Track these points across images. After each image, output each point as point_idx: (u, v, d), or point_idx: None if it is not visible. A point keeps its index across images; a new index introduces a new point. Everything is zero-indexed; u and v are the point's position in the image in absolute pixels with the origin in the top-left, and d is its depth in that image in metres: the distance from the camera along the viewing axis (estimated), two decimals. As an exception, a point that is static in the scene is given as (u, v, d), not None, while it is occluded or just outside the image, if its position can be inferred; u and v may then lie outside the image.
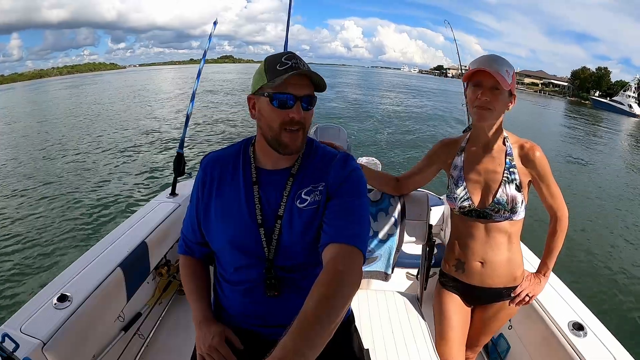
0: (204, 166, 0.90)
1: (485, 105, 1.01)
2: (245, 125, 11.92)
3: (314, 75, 0.77)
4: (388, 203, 1.35)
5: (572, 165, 10.09)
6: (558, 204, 1.13)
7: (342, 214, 0.77)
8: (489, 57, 1.03)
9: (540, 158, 1.07)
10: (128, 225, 1.49)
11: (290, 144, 0.78)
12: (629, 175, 9.77)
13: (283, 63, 0.76)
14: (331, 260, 0.68)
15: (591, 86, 64.43)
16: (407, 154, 8.81)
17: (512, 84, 1.02)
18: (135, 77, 47.83)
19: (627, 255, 4.56)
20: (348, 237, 0.72)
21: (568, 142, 14.44)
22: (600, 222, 5.63)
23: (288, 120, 0.76)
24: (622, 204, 6.83)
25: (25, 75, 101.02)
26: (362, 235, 0.75)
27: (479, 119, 1.05)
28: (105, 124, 12.40)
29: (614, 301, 3.48)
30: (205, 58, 2.16)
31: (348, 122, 13.06)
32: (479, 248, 1.13)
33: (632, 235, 5.23)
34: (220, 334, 0.84)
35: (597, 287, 3.73)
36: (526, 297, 1.16)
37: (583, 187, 7.61)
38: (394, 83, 48.90)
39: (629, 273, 4.10)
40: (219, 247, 0.87)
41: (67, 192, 5.88)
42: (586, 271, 4.05)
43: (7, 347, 0.84)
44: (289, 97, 0.75)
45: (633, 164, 11.46)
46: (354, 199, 0.80)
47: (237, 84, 31.91)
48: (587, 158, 11.29)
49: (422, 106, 21.33)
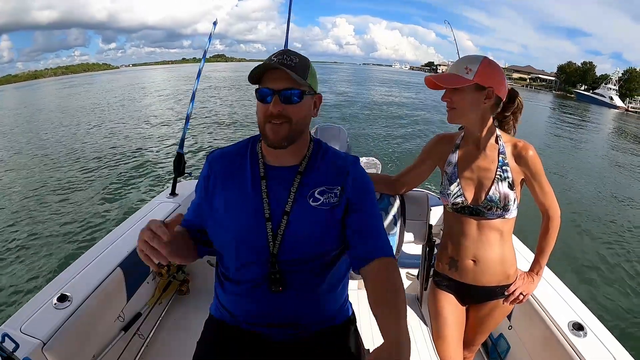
0: (210, 161, 0.91)
1: (449, 105, 1.08)
2: (245, 124, 11.93)
3: (289, 69, 0.77)
4: (388, 202, 1.35)
5: (562, 155, 10.41)
6: (550, 203, 1.14)
7: (371, 229, 0.84)
8: (457, 60, 1.09)
9: (533, 157, 1.09)
10: (128, 225, 1.49)
11: (271, 136, 0.80)
12: (624, 172, 9.80)
13: (270, 59, 0.80)
14: (383, 277, 0.78)
15: (577, 80, 66.50)
16: (402, 146, 9.08)
17: (482, 77, 1.02)
18: (130, 77, 47.99)
19: (627, 255, 4.56)
20: (387, 251, 0.82)
21: (553, 134, 15.03)
22: (600, 222, 5.63)
23: (269, 114, 0.79)
24: (622, 202, 6.84)
25: (20, 76, 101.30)
26: (389, 241, 0.85)
27: (448, 119, 1.11)
28: (105, 124, 12.40)
29: (614, 301, 3.48)
30: (205, 57, 2.16)
31: (340, 117, 13.40)
32: (472, 246, 1.14)
33: (632, 235, 5.23)
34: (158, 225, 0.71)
35: (597, 287, 3.73)
36: (520, 296, 1.17)
37: (580, 186, 7.63)
38: (383, 79, 50.73)
39: (629, 273, 4.10)
40: (223, 243, 0.87)
41: (67, 191, 5.88)
42: (586, 271, 4.05)
43: (7, 347, 0.84)
44: (266, 92, 0.79)
45: (620, 160, 11.59)
46: (376, 207, 0.88)
47: (234, 82, 32.01)
48: (571, 149, 11.75)
49: (409, 97, 23.01)
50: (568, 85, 64.02)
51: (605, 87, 45.51)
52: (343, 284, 0.95)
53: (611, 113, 34.92)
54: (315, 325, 0.89)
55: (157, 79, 41.45)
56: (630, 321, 3.17)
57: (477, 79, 1.02)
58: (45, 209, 5.17)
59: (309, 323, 0.88)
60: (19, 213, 5.08)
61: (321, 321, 0.90)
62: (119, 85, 33.51)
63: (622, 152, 12.78)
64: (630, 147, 14.47)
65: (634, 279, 3.98)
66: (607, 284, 3.83)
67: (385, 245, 0.83)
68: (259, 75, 0.80)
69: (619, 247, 4.80)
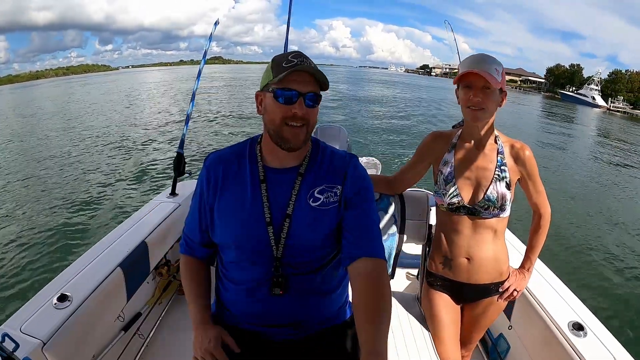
0: (208, 165, 0.89)
1: (478, 105, 1.03)
2: (244, 125, 11.93)
3: (318, 73, 0.78)
4: (387, 202, 1.34)
5: (553, 153, 10.79)
6: (542, 202, 1.17)
7: (366, 224, 0.83)
8: (478, 57, 1.04)
9: (530, 157, 1.11)
10: (128, 225, 1.49)
11: (292, 138, 0.79)
12: (622, 171, 9.84)
13: (289, 61, 0.78)
14: (367, 276, 0.77)
15: (565, 82, 68.93)
16: (402, 147, 9.23)
17: (502, 81, 1.03)
18: (130, 78, 48.36)
19: (627, 255, 4.56)
20: (376, 252, 0.80)
21: (538, 130, 16.14)
22: (600, 222, 5.63)
23: (290, 115, 0.77)
24: (621, 202, 6.83)
25: (22, 76, 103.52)
26: (382, 243, 0.84)
27: (472, 119, 1.07)
28: (105, 124, 12.40)
29: (614, 301, 3.48)
30: (205, 58, 2.16)
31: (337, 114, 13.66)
32: (465, 244, 1.15)
33: (632, 234, 5.23)
34: (217, 337, 0.83)
35: (597, 287, 3.72)
36: (514, 292, 1.18)
37: (577, 184, 7.63)
38: (380, 80, 53.40)
39: (629, 273, 4.10)
40: (225, 246, 0.87)
41: (67, 191, 5.87)
42: (586, 271, 4.05)
43: (7, 347, 0.84)
44: (293, 93, 0.77)
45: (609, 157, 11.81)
46: (372, 205, 0.86)
47: (234, 82, 32.18)
48: (557, 145, 12.31)
49: (409, 97, 24.79)
50: (556, 87, 66.26)
51: (588, 87, 48.92)
52: (343, 285, 0.95)
53: (593, 112, 37.53)
54: (315, 326, 0.89)
55: (156, 80, 41.68)
56: (630, 321, 3.17)
57: (502, 82, 1.03)
58: (45, 209, 5.17)
59: (309, 324, 0.88)
60: (19, 213, 5.08)
61: (321, 322, 0.90)
62: (119, 85, 33.58)
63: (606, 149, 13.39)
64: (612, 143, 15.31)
65: (634, 278, 3.98)
66: (607, 284, 3.83)
67: (376, 246, 0.81)
68: (284, 75, 0.76)
69: (619, 247, 4.79)
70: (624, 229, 5.42)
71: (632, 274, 4.07)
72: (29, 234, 4.41)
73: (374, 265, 0.78)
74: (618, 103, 48.54)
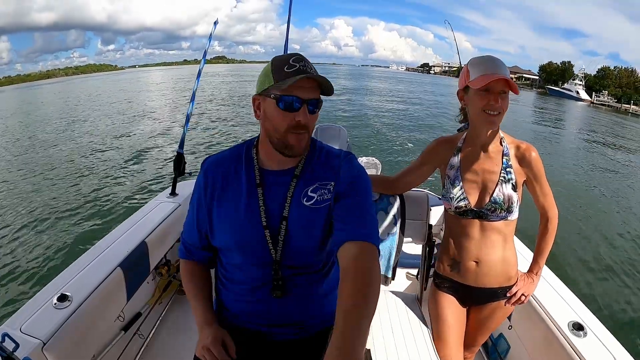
0: (205, 169, 0.89)
1: (497, 110, 1.01)
2: (244, 125, 11.93)
3: (322, 79, 0.76)
4: (387, 202, 1.35)
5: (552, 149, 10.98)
6: (549, 204, 1.15)
7: (356, 212, 0.78)
8: (496, 61, 1.02)
9: (536, 159, 1.09)
10: (128, 225, 1.49)
11: (296, 145, 0.78)
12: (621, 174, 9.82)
13: (291, 65, 0.76)
14: (353, 258, 0.70)
15: (557, 78, 70.95)
16: (402, 146, 9.24)
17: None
18: (134, 78, 48.58)
19: (627, 255, 4.55)
20: (365, 235, 0.74)
21: (528, 122, 16.93)
22: (600, 222, 5.63)
23: (294, 124, 0.76)
24: (620, 201, 6.83)
25: (33, 76, 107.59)
26: (376, 232, 0.78)
27: (490, 124, 1.04)
28: (105, 124, 12.41)
29: (614, 301, 3.48)
30: (205, 58, 2.16)
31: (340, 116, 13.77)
32: (474, 248, 1.14)
33: (632, 234, 5.23)
34: (215, 335, 0.83)
35: (597, 287, 3.72)
36: (522, 297, 1.17)
37: (576, 184, 7.63)
38: (381, 78, 56.06)
39: (629, 273, 4.10)
40: (223, 249, 0.87)
41: (67, 191, 5.88)
42: (586, 271, 4.04)
43: (7, 347, 0.84)
44: (296, 100, 0.75)
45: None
46: (366, 198, 0.82)
47: (234, 83, 32.26)
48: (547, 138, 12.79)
49: (409, 97, 25.53)
50: (548, 84, 67.78)
51: (572, 82, 51.91)
52: None
53: (577, 105, 40.40)
54: (315, 326, 0.89)
55: (160, 79, 41.81)
56: (630, 321, 3.17)
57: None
58: (45, 209, 5.17)
59: (309, 323, 0.88)
60: (19, 212, 5.08)
61: (322, 321, 0.90)
62: (121, 86, 33.60)
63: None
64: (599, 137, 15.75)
65: (634, 278, 3.98)
66: (607, 284, 3.83)
67: (367, 231, 0.75)
68: (291, 82, 0.73)
69: (619, 247, 4.79)
70: (624, 229, 5.42)
71: (632, 274, 4.07)
72: (29, 233, 4.42)
73: (362, 248, 0.72)
74: (602, 97, 51.63)
